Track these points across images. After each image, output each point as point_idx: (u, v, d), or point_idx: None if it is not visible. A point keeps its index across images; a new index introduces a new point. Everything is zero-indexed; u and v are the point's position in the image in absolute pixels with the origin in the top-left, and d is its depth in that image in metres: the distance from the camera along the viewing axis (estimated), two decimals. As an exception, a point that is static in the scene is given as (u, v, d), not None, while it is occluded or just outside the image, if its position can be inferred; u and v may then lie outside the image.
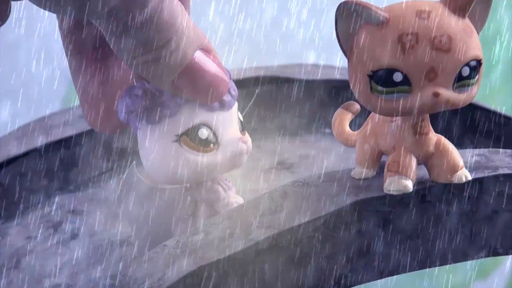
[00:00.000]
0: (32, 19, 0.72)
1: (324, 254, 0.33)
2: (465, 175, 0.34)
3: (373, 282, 0.34)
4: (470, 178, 0.34)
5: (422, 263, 0.34)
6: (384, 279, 0.34)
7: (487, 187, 0.34)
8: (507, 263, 0.84)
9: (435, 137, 0.34)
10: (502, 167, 0.35)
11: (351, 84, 0.33)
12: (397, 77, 0.32)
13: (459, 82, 0.32)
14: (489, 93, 0.82)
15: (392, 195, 0.33)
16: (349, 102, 0.38)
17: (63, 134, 0.48)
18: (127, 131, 0.37)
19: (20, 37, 0.74)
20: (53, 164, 0.48)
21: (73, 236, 0.43)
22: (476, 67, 0.32)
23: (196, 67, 0.34)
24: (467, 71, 0.32)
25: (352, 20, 0.32)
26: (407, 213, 0.34)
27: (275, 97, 0.52)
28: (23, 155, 0.48)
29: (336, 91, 0.52)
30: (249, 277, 0.32)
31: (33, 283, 0.40)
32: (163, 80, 0.34)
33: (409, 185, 0.33)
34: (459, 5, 0.32)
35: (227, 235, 0.33)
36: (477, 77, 0.33)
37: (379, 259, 0.34)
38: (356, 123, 0.38)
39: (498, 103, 0.82)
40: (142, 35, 0.32)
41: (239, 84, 0.38)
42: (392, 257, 0.34)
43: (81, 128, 0.48)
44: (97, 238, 0.42)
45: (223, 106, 0.36)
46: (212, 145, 0.36)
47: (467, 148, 0.51)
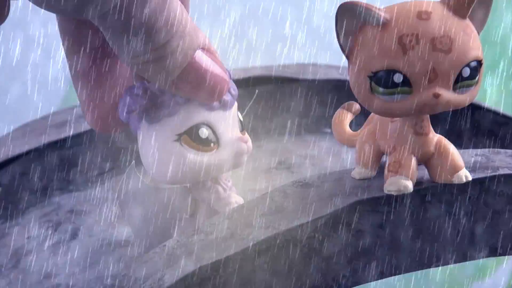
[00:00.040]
0: (32, 18, 0.72)
1: (324, 254, 0.33)
2: (465, 175, 0.34)
3: (373, 282, 0.34)
4: (470, 178, 0.34)
5: (422, 264, 0.34)
6: (384, 280, 0.34)
7: (487, 187, 0.34)
8: (507, 263, 0.84)
9: (435, 138, 0.34)
10: (502, 167, 0.35)
11: (351, 84, 0.33)
12: (398, 78, 0.32)
13: (460, 82, 0.32)
14: (489, 92, 0.82)
15: (392, 195, 0.33)
16: (349, 102, 0.38)
17: (63, 134, 0.48)
18: (127, 131, 0.37)
19: (20, 36, 0.74)
20: (53, 164, 0.48)
21: (73, 236, 0.43)
22: (476, 67, 0.32)
23: (196, 66, 0.34)
24: (467, 72, 0.32)
25: (352, 20, 0.32)
26: (407, 213, 0.34)
27: (275, 97, 0.52)
28: (23, 155, 0.48)
29: (336, 91, 0.52)
30: (249, 278, 0.32)
31: (33, 283, 0.40)
32: (163, 79, 0.34)
33: (409, 185, 0.33)
34: (460, 5, 0.32)
35: (227, 235, 0.33)
36: (477, 77, 0.33)
37: (379, 260, 0.34)
38: (356, 123, 0.38)
39: (498, 103, 0.82)
40: (142, 35, 0.32)
41: (239, 84, 0.38)
42: (392, 258, 0.34)
43: (81, 128, 0.48)
44: (97, 238, 0.42)
45: (223, 105, 0.36)
46: (212, 144, 0.36)
47: (468, 148, 0.51)
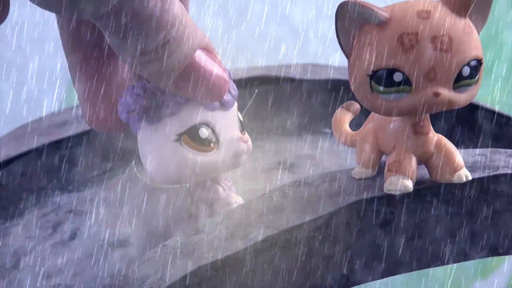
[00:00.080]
0: (31, 18, 0.72)
1: (324, 254, 0.33)
2: (465, 175, 0.34)
3: (373, 282, 0.34)
4: (470, 178, 0.34)
5: (422, 263, 0.34)
6: (384, 279, 0.34)
7: (487, 187, 0.34)
8: (507, 263, 0.84)
9: (435, 137, 0.34)
10: (502, 167, 0.35)
11: (351, 83, 0.33)
12: (398, 77, 0.32)
13: (460, 82, 0.32)
14: (489, 92, 0.82)
15: (392, 195, 0.33)
16: (349, 102, 0.38)
17: (62, 134, 0.48)
18: (126, 131, 0.37)
19: (19, 36, 0.74)
20: (53, 164, 0.48)
21: (73, 236, 0.43)
22: (476, 66, 0.32)
23: (196, 66, 0.34)
24: (467, 71, 0.32)
25: (352, 20, 0.32)
26: (407, 213, 0.34)
27: (275, 96, 0.52)
28: (23, 155, 0.48)
29: (336, 91, 0.52)
30: (249, 278, 0.32)
31: (32, 283, 0.40)
32: (163, 79, 0.34)
33: (409, 185, 0.33)
34: (460, 4, 0.32)
35: (227, 235, 0.33)
36: (477, 76, 0.33)
37: (379, 259, 0.34)
38: (356, 123, 0.38)
39: (498, 103, 0.82)
40: (142, 34, 0.32)
41: (239, 83, 0.38)
42: (392, 257, 0.34)
43: (81, 128, 0.48)
44: (97, 238, 0.42)
45: (224, 105, 0.36)
46: (212, 144, 0.36)
47: (468, 147, 0.51)
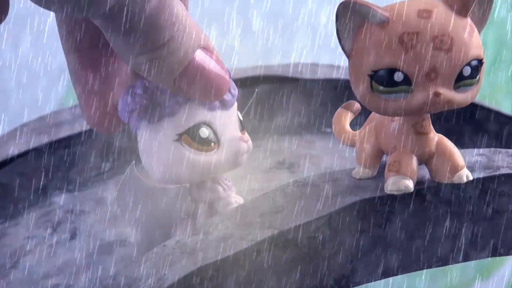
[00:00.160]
0: (31, 17, 0.72)
1: (324, 254, 0.33)
2: (466, 175, 0.34)
3: (374, 282, 0.34)
4: (471, 178, 0.34)
5: (423, 264, 0.34)
6: (384, 279, 0.34)
7: (488, 187, 0.34)
8: (508, 264, 0.84)
9: (436, 137, 0.34)
10: (503, 167, 0.35)
11: (351, 83, 0.33)
12: (398, 77, 0.32)
13: (460, 81, 0.32)
14: (490, 92, 0.82)
15: (392, 195, 0.33)
16: (349, 101, 0.38)
17: (62, 133, 0.48)
18: (126, 131, 0.37)
19: (19, 36, 0.73)
20: (53, 164, 0.48)
21: (73, 236, 0.43)
22: (477, 66, 0.32)
23: (197, 66, 0.34)
24: (468, 71, 0.32)
25: (352, 19, 0.32)
26: (407, 213, 0.34)
27: (275, 96, 0.52)
28: (22, 155, 0.48)
29: (336, 91, 0.52)
30: (249, 278, 0.32)
31: (32, 283, 0.40)
32: (164, 79, 0.34)
33: (410, 185, 0.33)
34: (461, 4, 0.32)
35: (227, 235, 0.33)
36: (478, 76, 0.33)
37: (380, 260, 0.34)
38: (356, 123, 0.38)
39: (499, 103, 0.82)
40: (142, 33, 0.32)
41: (239, 83, 0.38)
42: (393, 258, 0.34)
43: (81, 127, 0.48)
44: (97, 238, 0.42)
45: (224, 105, 0.36)
46: (213, 144, 0.36)
47: (468, 147, 0.51)
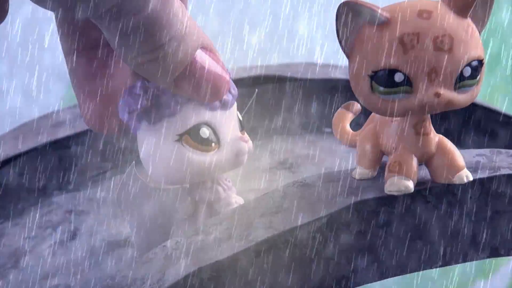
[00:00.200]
0: (31, 17, 0.72)
1: (324, 255, 0.33)
2: (466, 175, 0.34)
3: (374, 282, 0.34)
4: (471, 178, 0.34)
5: (423, 264, 0.34)
6: (385, 280, 0.34)
7: (488, 187, 0.34)
8: (508, 264, 0.84)
9: (436, 137, 0.34)
10: (503, 167, 0.35)
11: (351, 84, 0.33)
12: (398, 78, 0.32)
13: (461, 82, 0.32)
14: (490, 92, 0.82)
15: (393, 196, 0.33)
16: (349, 102, 0.38)
17: (62, 133, 0.48)
18: (126, 131, 0.37)
19: (19, 36, 0.73)
20: (52, 164, 0.48)
21: (72, 236, 0.43)
22: (477, 67, 0.32)
23: (197, 66, 0.34)
24: (468, 71, 0.32)
25: (352, 20, 0.32)
26: (408, 213, 0.34)
27: (275, 96, 0.52)
28: (22, 155, 0.48)
29: (336, 91, 0.52)
30: (249, 278, 0.32)
31: (32, 283, 0.40)
32: (164, 79, 0.34)
33: (410, 185, 0.33)
34: (461, 5, 0.32)
35: (227, 236, 0.33)
36: (478, 77, 0.33)
37: (380, 260, 0.34)
38: (356, 123, 0.38)
39: (499, 103, 0.82)
40: (143, 34, 0.32)
41: (239, 83, 0.38)
42: (393, 258, 0.34)
43: (81, 128, 0.48)
44: (97, 238, 0.42)
45: (224, 105, 0.36)
46: (213, 144, 0.36)
47: (469, 148, 0.51)
